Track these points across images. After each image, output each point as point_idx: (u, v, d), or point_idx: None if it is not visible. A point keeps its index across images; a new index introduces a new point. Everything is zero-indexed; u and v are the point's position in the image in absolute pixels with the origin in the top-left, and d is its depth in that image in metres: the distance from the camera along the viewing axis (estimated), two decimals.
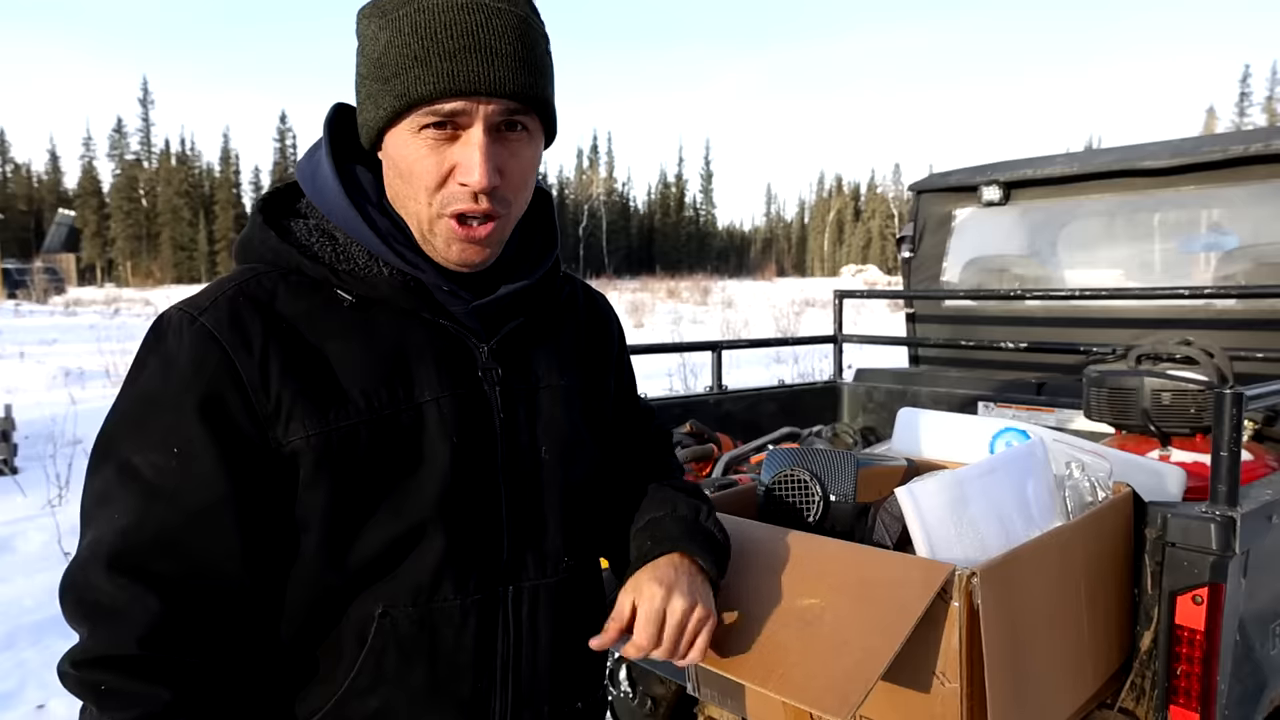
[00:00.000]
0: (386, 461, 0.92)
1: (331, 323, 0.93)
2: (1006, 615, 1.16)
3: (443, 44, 0.87)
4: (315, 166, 0.99)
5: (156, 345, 0.90)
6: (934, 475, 1.24)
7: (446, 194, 0.92)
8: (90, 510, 0.88)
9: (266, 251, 0.96)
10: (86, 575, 0.85)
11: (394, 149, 0.93)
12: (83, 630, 0.85)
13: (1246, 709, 1.47)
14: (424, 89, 0.87)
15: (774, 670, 1.09)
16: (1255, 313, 2.90)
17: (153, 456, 0.86)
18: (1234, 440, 1.37)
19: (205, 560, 0.86)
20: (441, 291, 0.97)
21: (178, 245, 73.20)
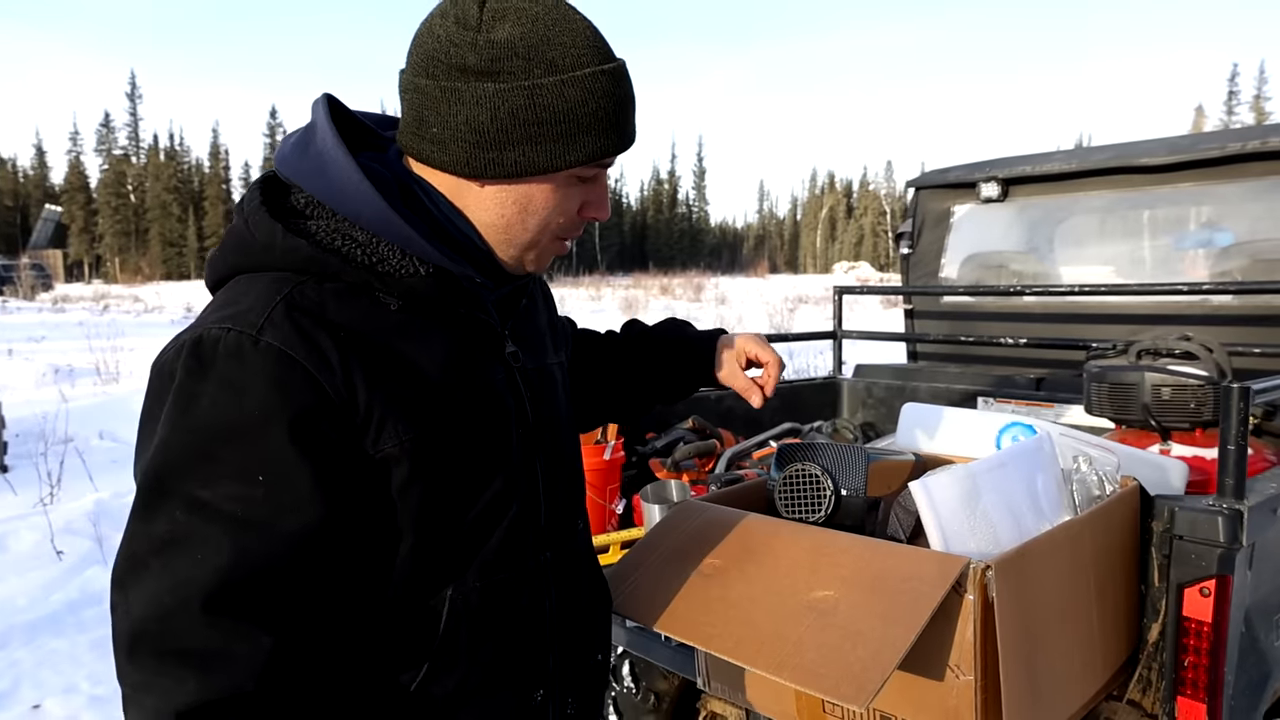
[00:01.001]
0: (468, 452, 0.97)
1: (386, 326, 0.93)
2: (1020, 608, 1.16)
3: (624, 111, 0.97)
4: (323, 163, 0.94)
5: (205, 370, 0.84)
6: (947, 469, 1.25)
7: (568, 224, 1.02)
8: (145, 559, 0.82)
9: (290, 258, 0.91)
10: (174, 623, 0.80)
11: (538, 190, 0.97)
12: (182, 680, 0.80)
13: (1252, 699, 1.49)
14: (615, 148, 0.97)
15: (789, 660, 1.10)
16: (1251, 308, 2.92)
17: (232, 489, 0.82)
18: (1241, 434, 1.38)
19: (308, 586, 0.85)
20: (475, 284, 1.00)
21: (167, 241, 72.82)
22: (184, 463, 0.83)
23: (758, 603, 1.20)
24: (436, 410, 0.94)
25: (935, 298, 3.76)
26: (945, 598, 1.11)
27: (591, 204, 1.02)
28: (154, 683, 0.80)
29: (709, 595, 1.24)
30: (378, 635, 0.94)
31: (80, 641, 3.79)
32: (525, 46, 0.91)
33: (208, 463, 0.82)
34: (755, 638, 1.15)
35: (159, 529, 0.82)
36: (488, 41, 0.90)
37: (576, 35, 0.93)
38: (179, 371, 0.85)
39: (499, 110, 0.91)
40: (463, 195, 0.98)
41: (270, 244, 0.91)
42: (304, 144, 0.97)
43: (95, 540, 4.85)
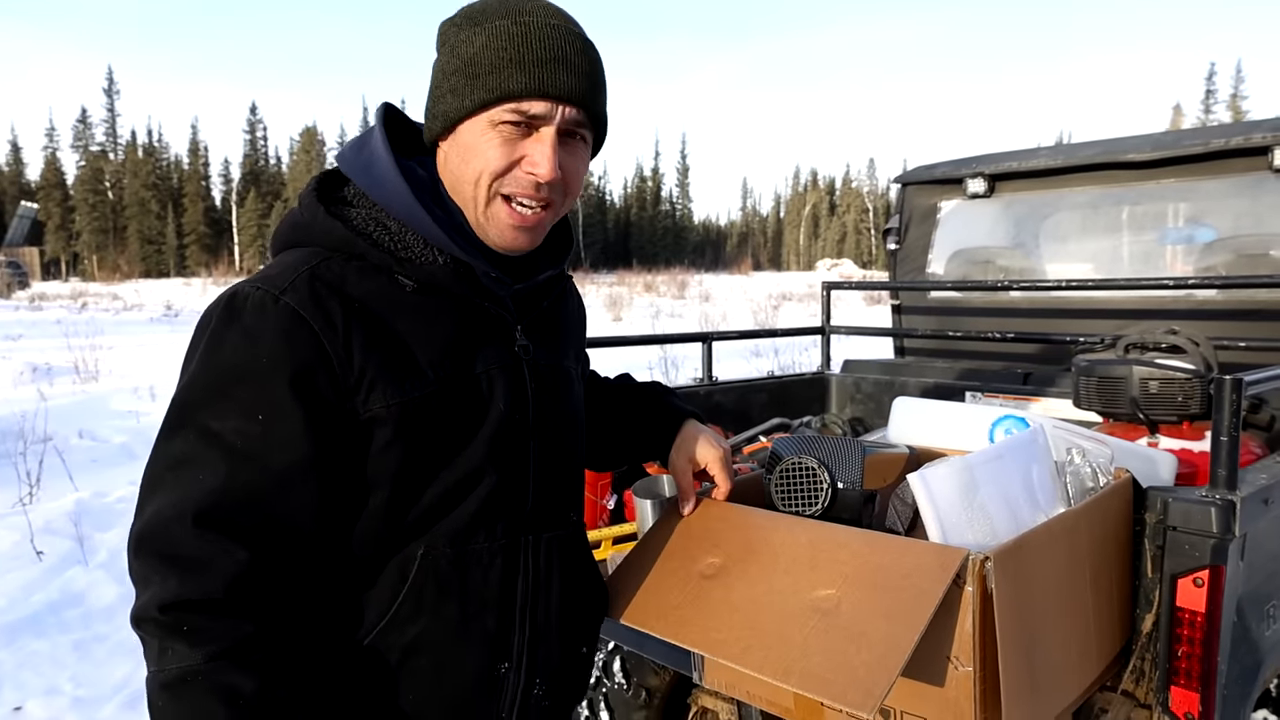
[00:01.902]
0: (449, 425, 1.05)
1: (397, 304, 1.04)
2: (1018, 599, 1.17)
3: (536, 53, 1.01)
4: (370, 161, 1.07)
5: (233, 320, 0.97)
6: (945, 461, 1.25)
7: (508, 179, 1.05)
8: (162, 473, 0.95)
9: (328, 238, 1.04)
10: (170, 530, 0.92)
11: (467, 136, 1.05)
12: (167, 578, 0.92)
13: (1244, 688, 1.50)
14: (516, 87, 1.01)
15: (795, 665, 1.09)
16: (1235, 303, 2.95)
17: (237, 423, 0.95)
18: (1234, 425, 1.39)
19: (287, 516, 0.97)
20: (489, 278, 1.09)
21: (145, 239, 72.06)
22: (204, 395, 0.96)
23: (760, 604, 1.21)
24: (424, 383, 1.03)
25: (922, 293, 3.78)
26: (946, 591, 1.11)
27: (528, 158, 1.05)
28: (149, 578, 0.93)
29: (712, 598, 1.25)
30: (350, 577, 1.04)
31: (62, 642, 3.74)
32: (462, 14, 1.06)
33: (221, 398, 0.95)
34: (761, 643, 1.15)
35: (175, 449, 0.95)
36: (443, 21, 1.07)
37: (512, 1, 1.05)
38: (214, 320, 0.99)
39: (435, 71, 1.07)
40: (442, 167, 1.10)
41: (312, 223, 1.05)
42: (360, 144, 1.11)
43: (76, 540, 4.79)
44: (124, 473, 6.32)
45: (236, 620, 0.93)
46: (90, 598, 4.23)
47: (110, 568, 4.54)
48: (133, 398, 8.96)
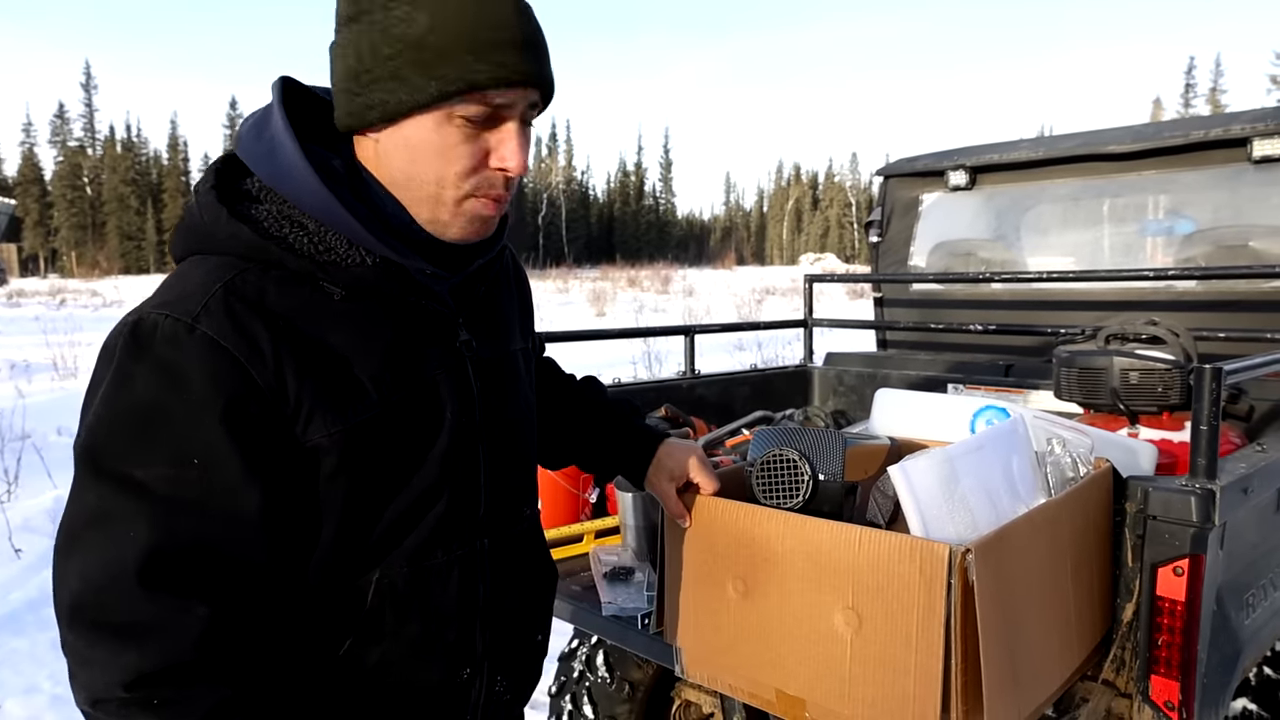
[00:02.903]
0: (398, 444, 0.97)
1: (326, 317, 0.93)
2: (999, 591, 1.16)
3: (496, 35, 0.88)
4: (273, 149, 0.93)
5: (142, 354, 0.85)
6: (925, 453, 1.24)
7: (480, 178, 0.95)
8: (81, 532, 0.84)
9: (237, 245, 0.91)
10: (111, 598, 0.82)
11: (417, 131, 0.92)
12: (121, 652, 0.82)
13: (1223, 677, 1.51)
14: (480, 77, 0.89)
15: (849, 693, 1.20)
16: (1215, 294, 2.97)
17: (164, 470, 0.84)
18: (1214, 415, 1.39)
19: (238, 561, 0.88)
20: (425, 275, 1.00)
21: (125, 235, 71.32)
22: (117, 442, 0.84)
23: (791, 633, 1.27)
24: (368, 404, 0.94)
25: (905, 286, 3.78)
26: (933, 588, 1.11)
27: (496, 152, 0.94)
28: (92, 654, 0.83)
29: (748, 623, 1.32)
30: (305, 609, 0.97)
31: (41, 640, 3.71)
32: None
33: (140, 443, 0.84)
34: (813, 671, 1.25)
35: (93, 504, 0.84)
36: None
37: None
38: (118, 355, 0.86)
39: (361, 49, 0.90)
40: (371, 160, 0.97)
41: (214, 229, 0.92)
42: (259, 127, 0.96)
43: (54, 538, 4.74)
44: None
45: (211, 685, 0.85)
46: None
47: None
48: None
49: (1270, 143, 2.85)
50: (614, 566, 2.01)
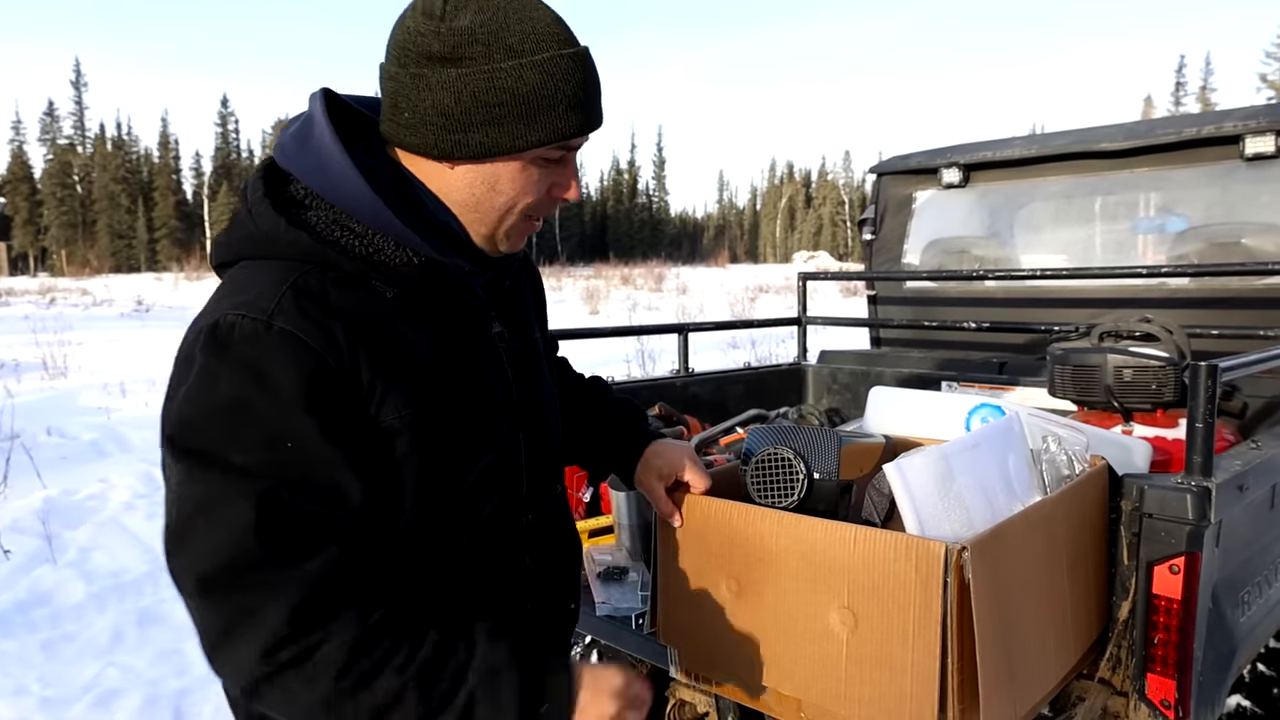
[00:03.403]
0: (458, 425, 1.06)
1: (382, 312, 1.01)
2: (995, 589, 1.16)
3: (588, 92, 1.02)
4: (323, 161, 1.01)
5: (224, 353, 0.92)
6: (920, 451, 1.23)
7: (537, 204, 1.08)
8: (194, 518, 0.90)
9: (297, 250, 0.99)
10: (234, 574, 0.89)
11: (503, 170, 1.03)
12: (256, 620, 0.88)
13: (1219, 675, 1.50)
14: (573, 129, 1.02)
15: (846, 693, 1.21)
16: (1208, 291, 2.97)
17: (262, 454, 0.91)
18: (1209, 412, 1.39)
19: (339, 525, 0.94)
20: (463, 271, 1.08)
21: (115, 233, 70.92)
22: (213, 435, 0.91)
23: (786, 632, 1.27)
24: (431, 388, 1.03)
25: (898, 283, 3.78)
26: (929, 586, 1.10)
27: (560, 184, 1.08)
28: (233, 631, 0.89)
29: (742, 624, 1.32)
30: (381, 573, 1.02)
31: (30, 642, 3.68)
32: (485, 33, 0.97)
33: (236, 433, 0.91)
34: (809, 671, 1.25)
35: (200, 494, 0.90)
36: (450, 29, 0.97)
37: (536, 22, 0.99)
38: (198, 356, 0.93)
39: (461, 94, 0.98)
40: (436, 178, 1.05)
41: (274, 236, 0.99)
42: (302, 137, 1.04)
43: (44, 539, 4.70)
44: (93, 470, 6.22)
45: (340, 629, 0.91)
46: (58, 597, 4.16)
47: (79, 566, 4.47)
48: (102, 394, 8.82)
49: (1262, 140, 2.85)
50: (608, 566, 2.00)
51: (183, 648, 3.72)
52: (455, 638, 0.97)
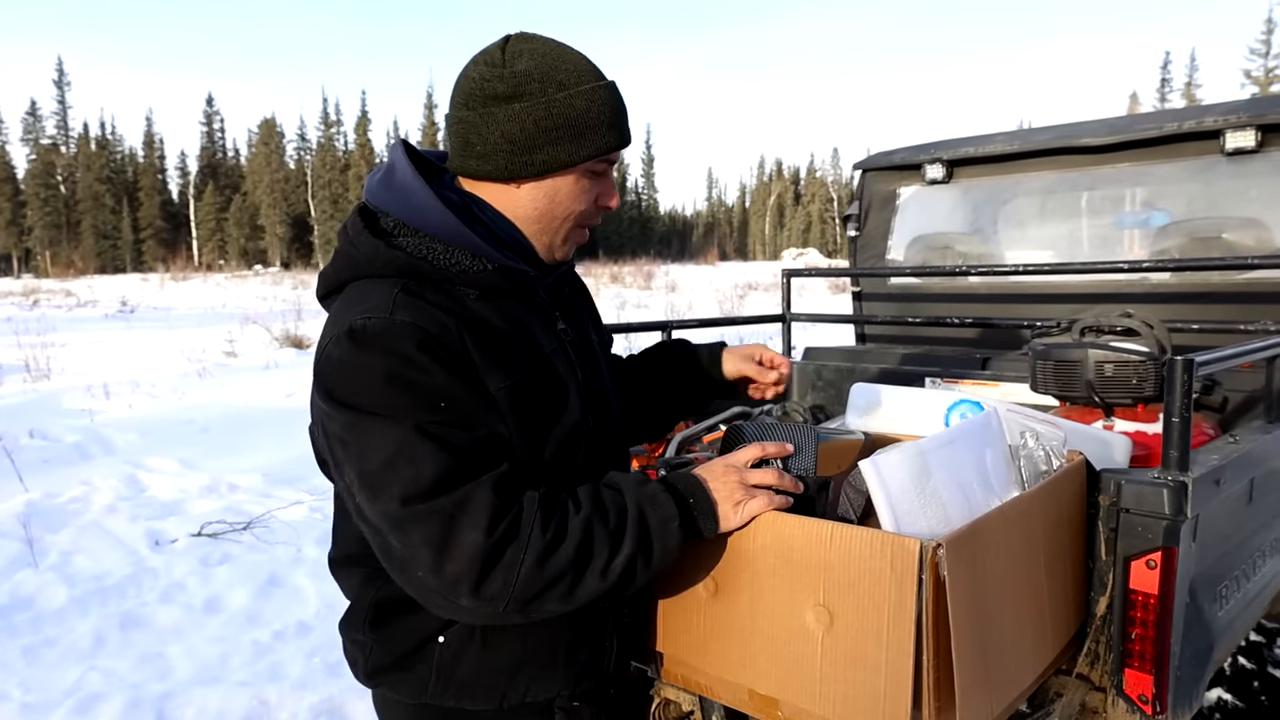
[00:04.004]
0: (543, 399, 1.24)
1: (471, 309, 1.21)
2: (971, 586, 1.15)
3: (622, 113, 1.27)
4: (406, 195, 1.23)
5: (365, 347, 1.12)
6: (897, 447, 1.23)
7: (587, 213, 1.30)
8: (382, 473, 1.09)
9: (394, 268, 1.20)
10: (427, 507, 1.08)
11: (561, 184, 1.25)
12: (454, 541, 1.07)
13: (1197, 670, 1.50)
14: (613, 144, 1.25)
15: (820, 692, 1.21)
16: (1189, 285, 2.98)
17: (424, 415, 1.11)
18: (1185, 406, 1.39)
19: (495, 457, 1.14)
20: (529, 276, 1.28)
21: (100, 234, 70.36)
22: (385, 404, 1.10)
23: (762, 631, 1.27)
24: (519, 369, 1.22)
25: (883, 280, 3.78)
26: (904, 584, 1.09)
27: (604, 194, 1.31)
28: (458, 519, 1.08)
29: (720, 623, 1.33)
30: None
31: (11, 647, 3.64)
32: (540, 73, 1.20)
33: (402, 401, 1.10)
34: (783, 670, 1.25)
35: (389, 447, 1.09)
36: (511, 73, 1.20)
37: (577, 62, 1.23)
38: (340, 354, 1.14)
39: (526, 122, 1.20)
40: (503, 198, 1.26)
41: (374, 258, 1.21)
42: (388, 180, 1.27)
43: (25, 542, 4.66)
44: (76, 473, 6.17)
45: (530, 500, 1.12)
46: (40, 601, 4.12)
47: (61, 570, 4.43)
48: (85, 396, 8.74)
49: (1242, 135, 2.86)
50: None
51: (165, 651, 3.70)
52: (601, 486, 1.21)
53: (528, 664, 1.27)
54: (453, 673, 1.25)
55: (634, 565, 1.15)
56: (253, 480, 6.08)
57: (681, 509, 1.19)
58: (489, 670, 1.25)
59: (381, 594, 1.27)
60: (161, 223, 73.54)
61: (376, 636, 1.29)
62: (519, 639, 1.26)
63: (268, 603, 4.18)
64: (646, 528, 1.17)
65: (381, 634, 1.28)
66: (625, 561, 1.15)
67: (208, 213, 74.09)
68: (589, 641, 1.32)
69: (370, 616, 1.29)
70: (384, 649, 1.28)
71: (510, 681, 1.26)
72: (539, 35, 1.25)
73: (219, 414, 8.06)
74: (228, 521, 5.18)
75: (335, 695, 3.28)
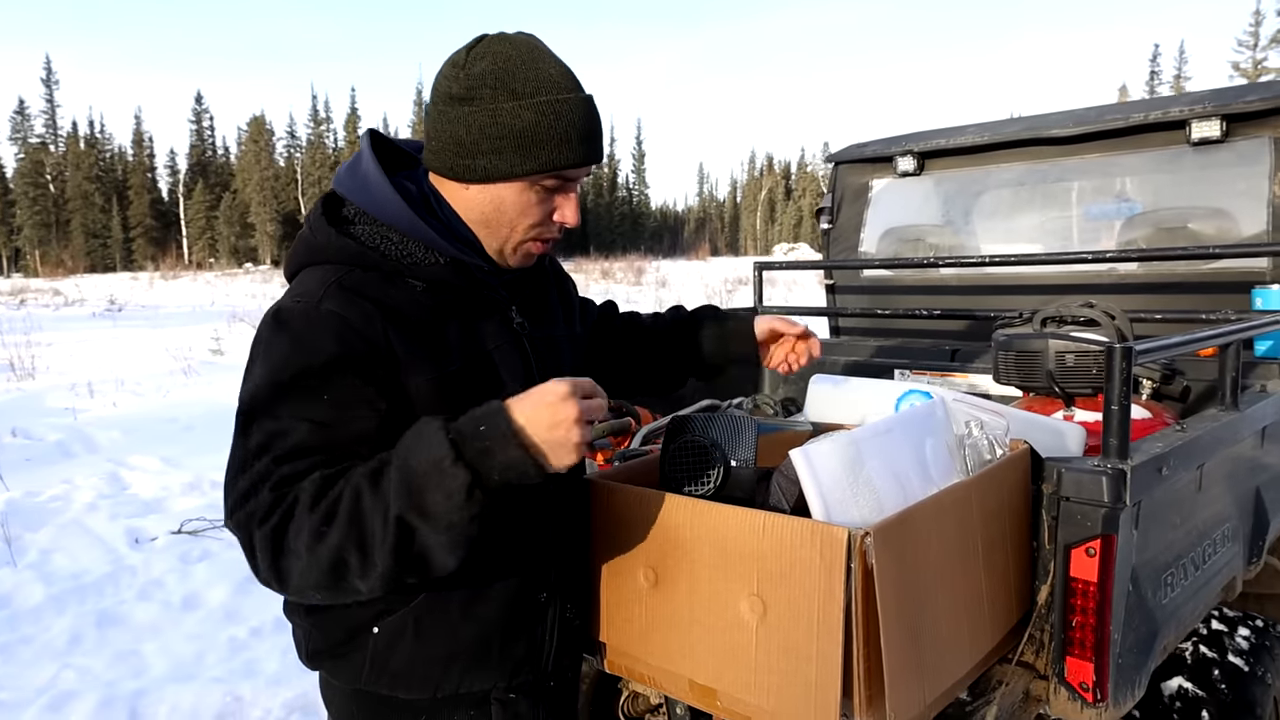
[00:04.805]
0: (475, 390, 1.21)
1: (413, 302, 1.22)
2: (901, 573, 1.15)
3: (580, 130, 1.21)
4: (366, 183, 1.25)
5: (283, 330, 1.15)
6: (829, 436, 1.23)
7: (542, 228, 1.28)
8: (251, 460, 1.11)
9: (344, 255, 1.23)
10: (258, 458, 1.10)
11: (506, 193, 1.23)
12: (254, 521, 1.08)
13: (1140, 657, 1.51)
14: (566, 162, 1.21)
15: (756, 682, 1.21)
16: (1155, 276, 2.99)
17: (314, 407, 1.12)
18: (1124, 394, 1.39)
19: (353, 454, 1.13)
20: (483, 271, 1.29)
21: (90, 232, 69.92)
22: (275, 394, 1.12)
23: (700, 622, 1.27)
24: (449, 362, 1.22)
25: (855, 272, 3.78)
26: (833, 573, 1.10)
27: (559, 209, 1.27)
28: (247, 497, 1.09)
29: (660, 614, 1.33)
30: None
31: None
32: (494, 78, 1.18)
33: (290, 393, 1.12)
34: (720, 661, 1.26)
35: (257, 440, 1.11)
36: (467, 75, 1.20)
37: (540, 71, 1.19)
38: (265, 334, 1.17)
39: (472, 127, 1.19)
40: (458, 196, 1.26)
41: (326, 244, 1.24)
42: (354, 168, 1.29)
43: (4, 541, 4.65)
44: (57, 471, 6.15)
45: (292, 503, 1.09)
46: (17, 599, 4.12)
47: (39, 568, 4.42)
48: (70, 395, 8.71)
49: (1207, 124, 2.87)
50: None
51: (141, 649, 3.69)
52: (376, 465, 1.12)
53: (461, 655, 1.27)
54: (386, 662, 1.26)
55: (408, 528, 1.02)
56: None
57: (457, 444, 1.02)
58: (423, 660, 1.26)
59: None
60: (151, 221, 73.12)
61: (313, 622, 1.30)
62: (452, 631, 1.26)
63: (246, 599, 4.17)
64: (410, 478, 1.03)
65: (316, 620, 1.29)
66: (395, 525, 1.02)
67: (198, 211, 73.73)
68: (527, 634, 1.32)
69: (305, 603, 1.29)
70: (321, 634, 1.30)
71: (444, 672, 1.27)
72: (516, 38, 1.22)
73: (204, 412, 8.03)
74: (208, 519, 5.17)
75: (309, 691, 3.28)
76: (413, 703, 1.28)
